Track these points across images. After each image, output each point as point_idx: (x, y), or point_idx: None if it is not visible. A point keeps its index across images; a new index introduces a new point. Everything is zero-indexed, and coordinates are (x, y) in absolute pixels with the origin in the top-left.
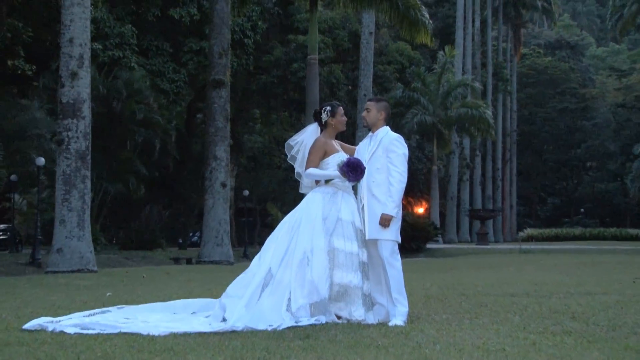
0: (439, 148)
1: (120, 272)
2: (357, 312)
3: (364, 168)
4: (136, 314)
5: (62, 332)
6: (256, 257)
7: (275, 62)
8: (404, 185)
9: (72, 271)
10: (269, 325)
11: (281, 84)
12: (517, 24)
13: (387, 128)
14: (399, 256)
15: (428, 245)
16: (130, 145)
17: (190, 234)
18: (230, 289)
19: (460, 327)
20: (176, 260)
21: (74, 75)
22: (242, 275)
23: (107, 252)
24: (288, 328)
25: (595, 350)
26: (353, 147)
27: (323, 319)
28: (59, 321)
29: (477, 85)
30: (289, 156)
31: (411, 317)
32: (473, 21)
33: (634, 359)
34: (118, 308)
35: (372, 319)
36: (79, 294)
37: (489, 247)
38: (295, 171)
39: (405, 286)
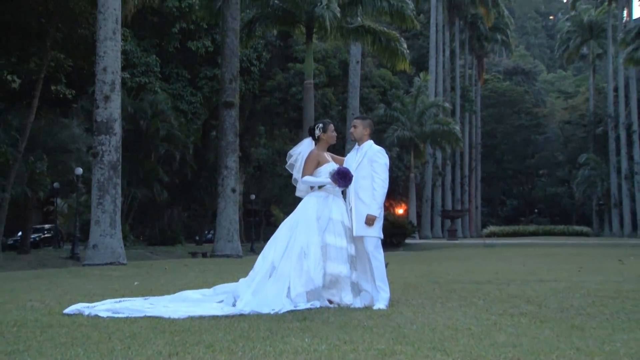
0: (416, 158)
1: (146, 265)
2: (346, 298)
3: (352, 176)
4: (159, 301)
5: (96, 316)
6: (261, 254)
7: (277, 86)
8: (385, 190)
9: (106, 264)
10: (272, 310)
11: (282, 105)
12: (480, 54)
13: (371, 142)
14: (381, 250)
15: (406, 241)
16: (155, 157)
17: (206, 232)
18: (242, 280)
19: (433, 310)
20: (194, 254)
21: (107, 98)
22: (252, 271)
23: (135, 248)
24: (288, 312)
25: (547, 329)
26: (342, 157)
27: (317, 304)
28: (94, 306)
29: (447, 105)
30: (287, 163)
31: (392, 302)
32: (443, 52)
33: (579, 336)
34: (144, 299)
35: (359, 303)
36: (111, 283)
37: (457, 242)
38: (293, 177)
39: (387, 275)
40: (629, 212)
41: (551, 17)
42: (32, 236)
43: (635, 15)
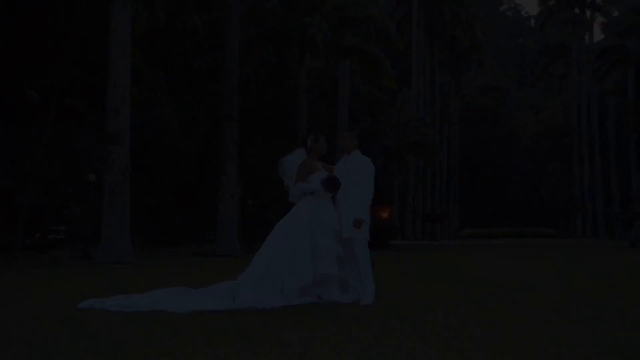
0: (399, 167)
1: (152, 263)
2: (335, 295)
3: (340, 182)
4: (164, 296)
5: (107, 310)
6: (258, 253)
7: (273, 100)
8: (371, 195)
9: (115, 263)
10: (268, 305)
11: (277, 117)
12: (458, 71)
13: (359, 151)
14: (368, 250)
15: (391, 242)
16: (160, 165)
17: (207, 234)
18: (240, 278)
19: (416, 306)
20: (196, 254)
21: (117, 111)
22: (248, 268)
23: (143, 248)
24: (282, 307)
25: (518, 322)
26: (332, 166)
27: (309, 300)
28: (105, 301)
29: (427, 119)
30: (279, 171)
31: (377, 298)
32: (424, 69)
33: (548, 329)
34: (147, 297)
35: (347, 299)
36: (121, 281)
37: (437, 243)
38: (285, 184)
39: (373, 273)
40: (591, 216)
41: (521, 40)
42: (48, 237)
43: (595, 39)
